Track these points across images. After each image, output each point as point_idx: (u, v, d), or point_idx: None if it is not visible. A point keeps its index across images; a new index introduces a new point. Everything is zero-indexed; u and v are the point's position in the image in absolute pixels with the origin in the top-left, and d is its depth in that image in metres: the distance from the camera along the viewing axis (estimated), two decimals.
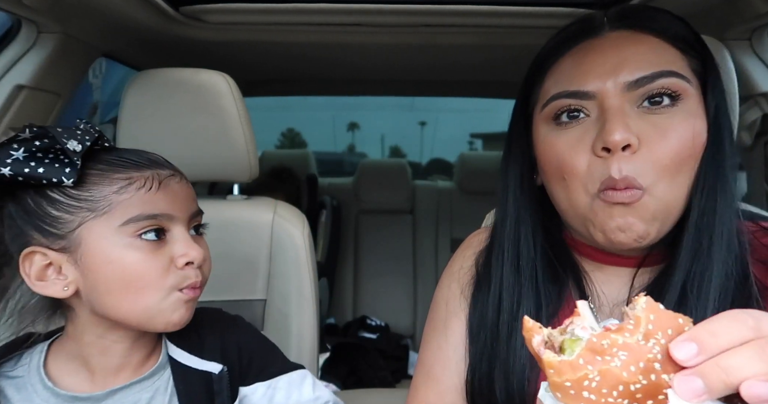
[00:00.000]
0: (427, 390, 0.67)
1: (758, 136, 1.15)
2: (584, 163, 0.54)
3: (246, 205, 1.09)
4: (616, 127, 0.51)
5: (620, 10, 0.58)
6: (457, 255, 0.73)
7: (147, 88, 1.02)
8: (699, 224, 0.54)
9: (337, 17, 1.26)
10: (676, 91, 0.53)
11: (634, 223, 0.53)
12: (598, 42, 0.56)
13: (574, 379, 0.33)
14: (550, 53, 0.60)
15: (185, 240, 0.61)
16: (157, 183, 0.60)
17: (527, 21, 1.23)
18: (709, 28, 1.02)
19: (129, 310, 0.59)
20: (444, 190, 2.62)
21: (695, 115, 0.54)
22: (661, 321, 0.33)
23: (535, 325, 0.37)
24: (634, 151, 0.52)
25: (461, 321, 0.67)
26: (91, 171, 0.58)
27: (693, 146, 0.53)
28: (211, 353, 0.69)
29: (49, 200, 0.57)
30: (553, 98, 0.57)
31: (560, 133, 0.57)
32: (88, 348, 0.62)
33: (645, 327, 0.33)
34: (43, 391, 0.60)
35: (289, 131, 6.84)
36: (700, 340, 0.31)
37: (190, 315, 0.63)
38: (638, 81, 0.53)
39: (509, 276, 0.63)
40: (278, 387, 0.71)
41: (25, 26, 1.02)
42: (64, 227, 0.57)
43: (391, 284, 2.43)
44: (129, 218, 0.58)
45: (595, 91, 0.54)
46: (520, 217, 0.64)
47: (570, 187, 0.56)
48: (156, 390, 0.64)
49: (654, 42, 0.55)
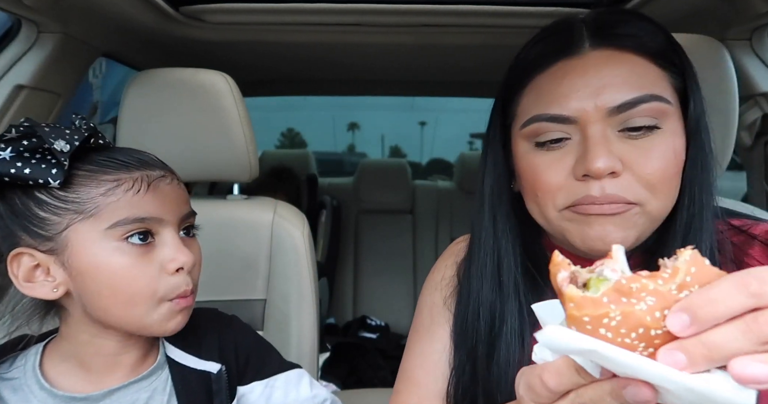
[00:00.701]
0: (408, 394, 0.67)
1: (758, 136, 1.15)
2: (560, 182, 0.55)
3: (246, 205, 1.09)
4: (598, 154, 0.51)
5: (599, 21, 0.57)
6: (439, 263, 0.73)
7: (147, 88, 1.02)
8: (686, 237, 0.55)
9: (336, 17, 1.26)
10: (656, 117, 0.53)
11: (612, 232, 0.53)
12: (579, 62, 0.55)
13: (594, 315, 0.32)
14: (528, 67, 0.59)
15: (175, 244, 0.60)
16: (146, 185, 0.59)
17: (527, 21, 1.23)
18: (709, 28, 1.02)
19: (121, 317, 0.58)
20: (444, 190, 2.62)
21: (675, 134, 0.54)
22: (702, 275, 0.32)
23: (564, 261, 0.36)
24: (618, 175, 0.52)
25: (444, 330, 0.67)
26: (79, 172, 0.57)
27: (677, 163, 0.54)
28: (209, 353, 0.69)
29: (36, 201, 0.56)
30: (534, 120, 0.56)
31: (540, 154, 0.56)
32: (82, 347, 0.62)
33: (682, 278, 0.32)
34: (39, 392, 0.60)
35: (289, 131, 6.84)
36: (693, 310, 0.30)
37: (185, 321, 0.63)
38: (620, 107, 0.52)
39: (489, 294, 0.62)
40: (276, 386, 0.72)
41: (25, 26, 1.02)
42: (51, 229, 0.56)
43: (391, 284, 2.43)
44: (116, 221, 0.56)
45: (576, 117, 0.53)
46: (497, 230, 0.63)
47: (541, 202, 0.57)
48: (154, 390, 0.64)
49: (635, 62, 0.54)
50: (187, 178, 1.07)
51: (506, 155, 0.63)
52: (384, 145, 6.43)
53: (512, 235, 0.63)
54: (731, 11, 1.02)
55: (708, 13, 1.07)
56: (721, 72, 0.83)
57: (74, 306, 0.60)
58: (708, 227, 0.55)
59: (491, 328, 0.61)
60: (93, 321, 0.60)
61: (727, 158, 0.83)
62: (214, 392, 0.67)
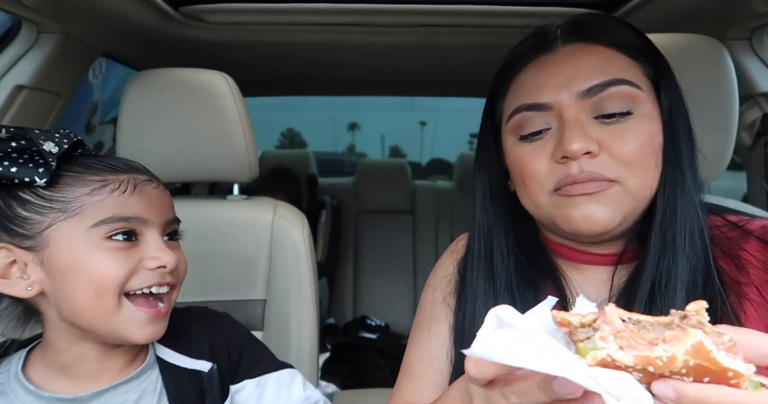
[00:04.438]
0: (408, 386, 0.69)
1: (758, 135, 1.15)
2: (544, 168, 0.57)
3: (246, 205, 1.09)
4: (573, 136, 0.54)
5: (572, 23, 0.61)
6: (442, 260, 0.75)
7: (147, 88, 1.02)
8: (663, 222, 0.57)
9: (337, 17, 1.26)
10: (628, 102, 0.55)
11: (597, 211, 0.54)
12: (553, 56, 0.59)
13: None
14: (509, 68, 0.63)
15: (158, 245, 0.60)
16: (132, 186, 0.60)
17: (527, 21, 1.22)
18: (709, 28, 1.02)
19: (90, 318, 0.58)
20: (444, 190, 2.62)
21: (650, 117, 0.56)
22: (700, 371, 0.31)
23: (564, 319, 0.36)
24: (595, 156, 0.54)
25: (444, 327, 0.68)
26: (66, 173, 0.58)
27: (652, 145, 0.56)
28: (200, 351, 0.69)
29: (19, 201, 0.56)
30: (516, 111, 0.60)
31: (524, 146, 0.60)
32: (63, 355, 0.61)
33: (678, 369, 0.31)
34: (25, 396, 0.59)
35: (289, 131, 6.83)
36: (682, 394, 0.31)
37: (159, 331, 0.62)
38: (590, 89, 0.55)
39: (483, 285, 0.64)
40: (267, 385, 0.71)
41: (25, 26, 1.03)
42: (33, 228, 0.56)
43: (391, 284, 2.43)
44: (100, 220, 0.57)
45: (551, 103, 0.57)
46: (490, 225, 0.66)
47: (530, 189, 0.59)
48: (144, 390, 0.64)
49: (604, 52, 0.58)
50: (187, 178, 1.07)
51: (499, 154, 0.66)
52: (384, 145, 6.42)
53: (505, 230, 0.65)
54: (731, 11, 1.02)
55: (708, 13, 1.07)
56: (721, 72, 0.83)
57: (49, 308, 0.60)
58: (687, 212, 0.56)
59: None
60: (69, 325, 0.60)
61: (727, 158, 0.83)
62: (206, 391, 0.67)
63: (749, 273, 0.56)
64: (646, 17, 1.16)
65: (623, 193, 0.55)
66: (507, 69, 0.64)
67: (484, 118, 0.68)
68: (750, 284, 0.55)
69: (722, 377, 0.30)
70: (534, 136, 0.59)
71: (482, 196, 0.67)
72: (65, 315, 0.59)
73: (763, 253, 0.56)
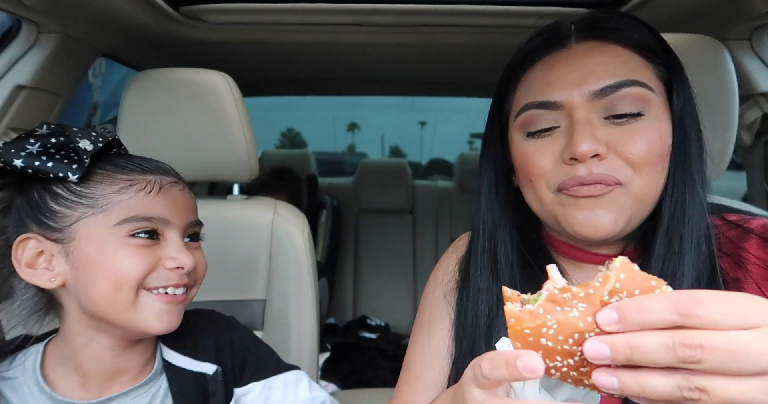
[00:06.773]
0: (408, 388, 0.69)
1: (758, 135, 1.15)
2: (549, 165, 0.57)
3: (246, 205, 1.09)
4: (582, 138, 0.54)
5: (587, 19, 0.60)
6: (443, 259, 0.75)
7: (147, 88, 1.02)
8: (669, 226, 0.56)
9: (337, 17, 1.26)
10: (639, 103, 0.55)
11: (602, 215, 0.54)
12: (565, 53, 0.58)
13: (533, 327, 0.36)
14: (520, 63, 0.62)
15: (178, 246, 0.62)
16: (158, 187, 0.62)
17: (527, 21, 1.23)
18: (709, 28, 1.02)
19: (108, 307, 0.59)
20: (444, 190, 2.62)
21: (661, 120, 0.56)
22: (632, 281, 0.34)
23: (513, 293, 0.39)
24: (603, 158, 0.54)
25: (444, 325, 0.68)
26: (98, 170, 0.60)
27: (662, 147, 0.55)
28: (205, 354, 0.69)
29: (52, 194, 0.58)
30: (525, 109, 0.59)
31: (531, 142, 0.59)
32: (80, 351, 0.62)
33: (612, 285, 0.34)
34: (39, 395, 0.60)
35: (289, 131, 6.83)
36: (623, 311, 0.33)
37: (175, 321, 0.63)
38: (603, 90, 0.55)
39: (486, 281, 0.64)
40: (274, 387, 0.72)
41: (25, 26, 1.02)
42: (62, 221, 0.58)
43: (391, 284, 2.43)
44: (125, 218, 0.59)
45: (562, 101, 0.56)
46: (495, 221, 0.66)
47: (535, 186, 0.59)
48: (153, 395, 0.65)
49: (618, 51, 0.57)
50: (187, 177, 1.06)
51: (505, 150, 0.65)
52: (384, 145, 6.41)
53: (509, 226, 0.65)
54: (731, 11, 1.02)
55: (708, 13, 1.07)
56: (721, 72, 0.83)
57: (70, 300, 0.61)
58: (694, 217, 0.56)
59: (489, 317, 0.63)
60: (88, 320, 0.61)
61: (727, 158, 0.83)
62: (210, 393, 0.67)
63: (749, 271, 0.56)
64: (645, 17, 1.15)
65: (626, 195, 0.55)
66: (517, 64, 0.63)
67: (492, 114, 0.67)
68: (749, 281, 0.55)
69: (648, 287, 0.34)
70: (542, 133, 0.58)
71: (487, 192, 0.66)
72: (85, 307, 0.60)
73: (763, 251, 0.56)
